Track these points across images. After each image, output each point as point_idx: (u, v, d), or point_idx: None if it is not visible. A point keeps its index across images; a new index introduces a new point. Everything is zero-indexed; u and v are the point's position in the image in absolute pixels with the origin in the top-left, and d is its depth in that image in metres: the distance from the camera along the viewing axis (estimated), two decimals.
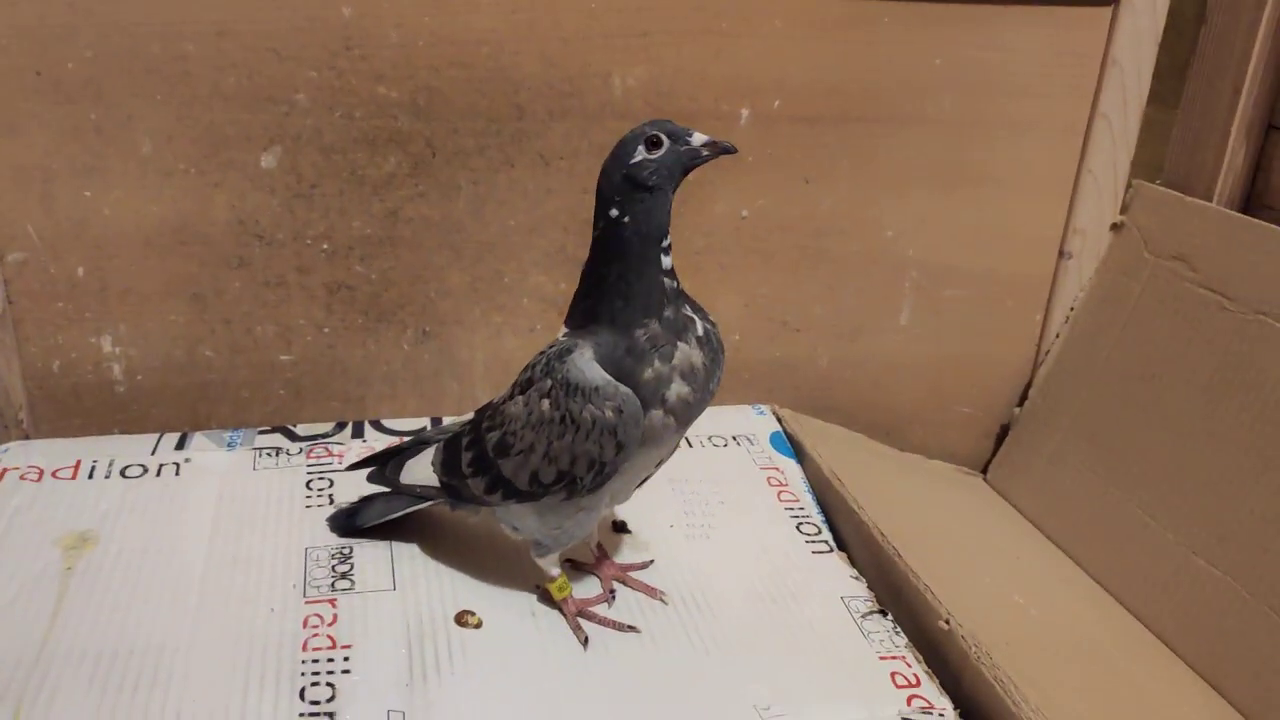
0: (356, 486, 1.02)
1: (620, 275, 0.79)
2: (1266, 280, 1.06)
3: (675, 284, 0.81)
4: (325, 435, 1.15)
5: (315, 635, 0.85)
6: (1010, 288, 1.30)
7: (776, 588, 0.97)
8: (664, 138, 0.77)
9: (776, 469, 1.16)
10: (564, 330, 0.85)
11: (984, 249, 1.28)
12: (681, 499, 1.08)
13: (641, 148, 0.78)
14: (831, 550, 1.04)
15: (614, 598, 0.93)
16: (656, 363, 0.79)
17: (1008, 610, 1.00)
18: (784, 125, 1.19)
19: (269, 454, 1.09)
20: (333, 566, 0.93)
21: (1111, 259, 1.27)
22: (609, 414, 0.78)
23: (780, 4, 1.14)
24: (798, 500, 1.11)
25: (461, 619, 0.88)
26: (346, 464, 1.06)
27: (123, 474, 1.04)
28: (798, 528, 1.07)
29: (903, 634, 0.93)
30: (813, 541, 1.05)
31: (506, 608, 0.90)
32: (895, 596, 0.97)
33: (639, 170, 0.77)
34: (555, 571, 0.89)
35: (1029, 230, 1.28)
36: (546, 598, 0.91)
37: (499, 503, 0.87)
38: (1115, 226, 1.27)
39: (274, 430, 1.15)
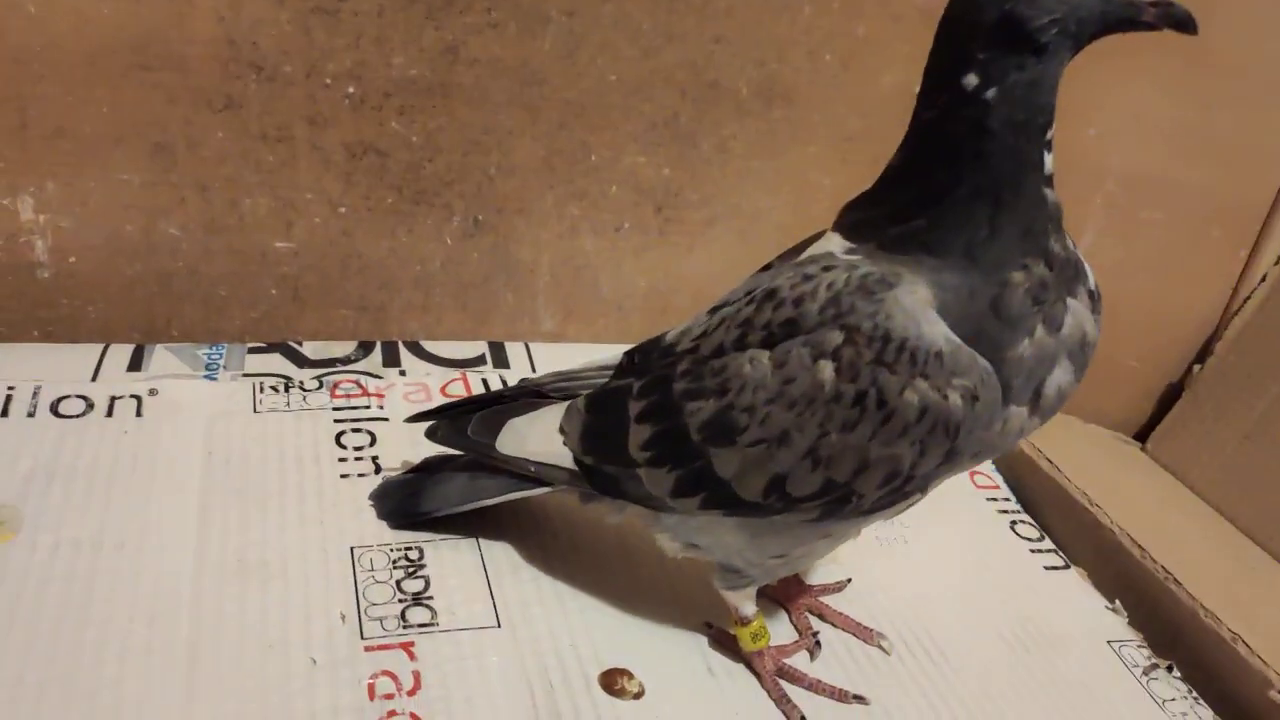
0: (411, 441, 0.69)
1: (982, 188, 0.48)
2: None
3: (1056, 198, 0.50)
4: (346, 360, 0.82)
5: (393, 715, 0.52)
6: (1220, 213, 1.04)
7: (1021, 626, 0.70)
8: None
9: None
10: (843, 244, 0.52)
11: (1200, 159, 1.02)
12: None
13: None
14: (1068, 566, 0.76)
15: (819, 644, 0.63)
16: (1040, 330, 0.49)
17: None
18: None
19: (273, 388, 0.76)
20: (398, 583, 0.60)
21: None
22: (955, 400, 0.47)
23: None
24: (996, 486, 0.84)
25: (612, 683, 0.57)
26: (399, 413, 0.73)
27: (54, 410, 0.70)
28: (1011, 527, 0.79)
29: (1204, 703, 0.66)
30: (1039, 552, 0.77)
31: (671, 662, 0.60)
32: (1172, 638, 0.73)
33: (1033, 13, 0.46)
34: (750, 611, 0.59)
35: (1259, 140, 1.00)
36: (724, 641, 0.61)
37: (691, 510, 0.55)
38: None
39: (270, 348, 0.82)
